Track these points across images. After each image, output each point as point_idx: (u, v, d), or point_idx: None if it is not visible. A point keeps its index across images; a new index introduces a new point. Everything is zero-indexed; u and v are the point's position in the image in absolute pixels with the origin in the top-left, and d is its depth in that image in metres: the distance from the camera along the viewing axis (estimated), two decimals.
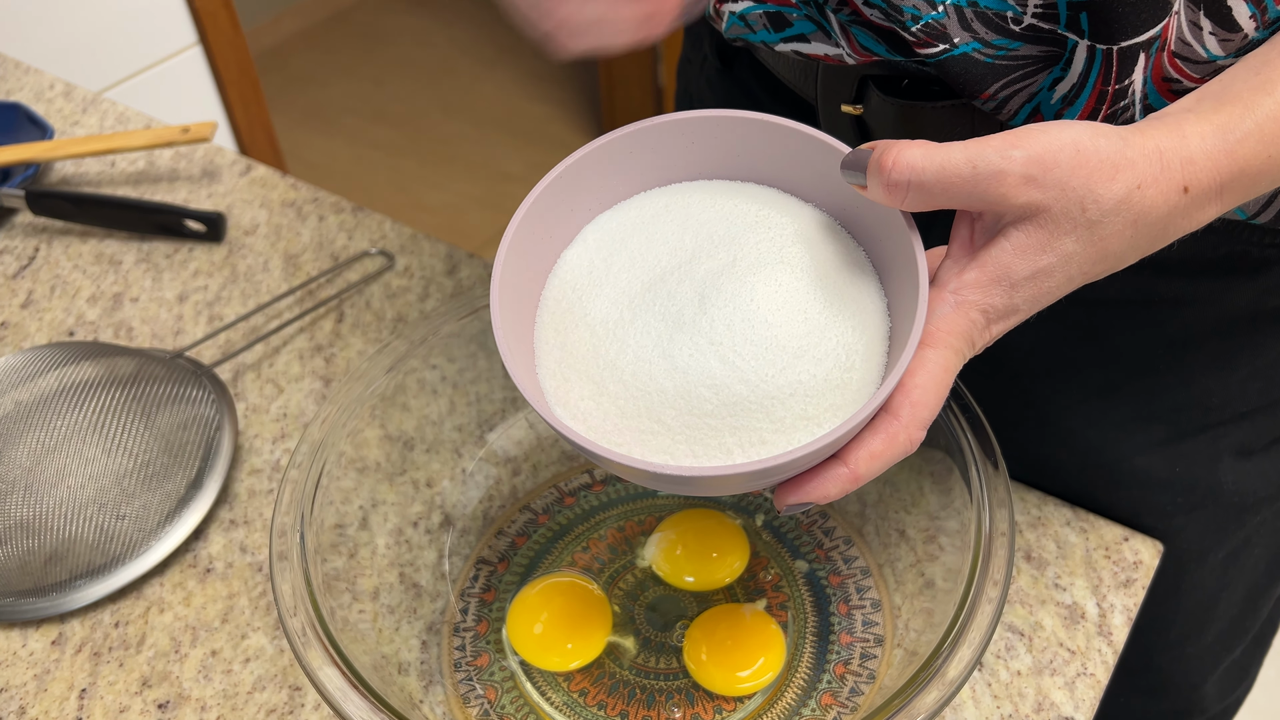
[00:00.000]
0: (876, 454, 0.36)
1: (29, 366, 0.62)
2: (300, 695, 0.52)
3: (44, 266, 0.77)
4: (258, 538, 0.59)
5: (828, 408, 0.37)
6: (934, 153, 0.35)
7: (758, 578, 0.54)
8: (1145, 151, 0.35)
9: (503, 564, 0.56)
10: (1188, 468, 0.56)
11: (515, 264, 0.40)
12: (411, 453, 0.58)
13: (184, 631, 0.55)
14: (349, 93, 2.55)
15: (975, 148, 0.34)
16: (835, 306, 0.38)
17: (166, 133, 0.81)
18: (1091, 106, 0.42)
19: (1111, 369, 0.55)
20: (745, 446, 0.37)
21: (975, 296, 0.36)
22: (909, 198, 0.35)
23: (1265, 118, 0.36)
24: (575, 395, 0.39)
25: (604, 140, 0.41)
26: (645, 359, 0.38)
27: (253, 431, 0.65)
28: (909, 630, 0.51)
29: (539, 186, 0.40)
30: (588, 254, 0.41)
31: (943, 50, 0.42)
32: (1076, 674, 0.51)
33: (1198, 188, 0.36)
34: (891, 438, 0.36)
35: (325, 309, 0.72)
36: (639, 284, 0.39)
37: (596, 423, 0.38)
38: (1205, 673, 0.66)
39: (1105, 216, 0.35)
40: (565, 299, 0.41)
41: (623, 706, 0.50)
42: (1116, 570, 0.55)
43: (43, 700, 0.53)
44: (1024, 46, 0.42)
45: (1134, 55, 0.40)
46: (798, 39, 0.48)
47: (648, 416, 0.37)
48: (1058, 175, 0.34)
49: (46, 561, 0.57)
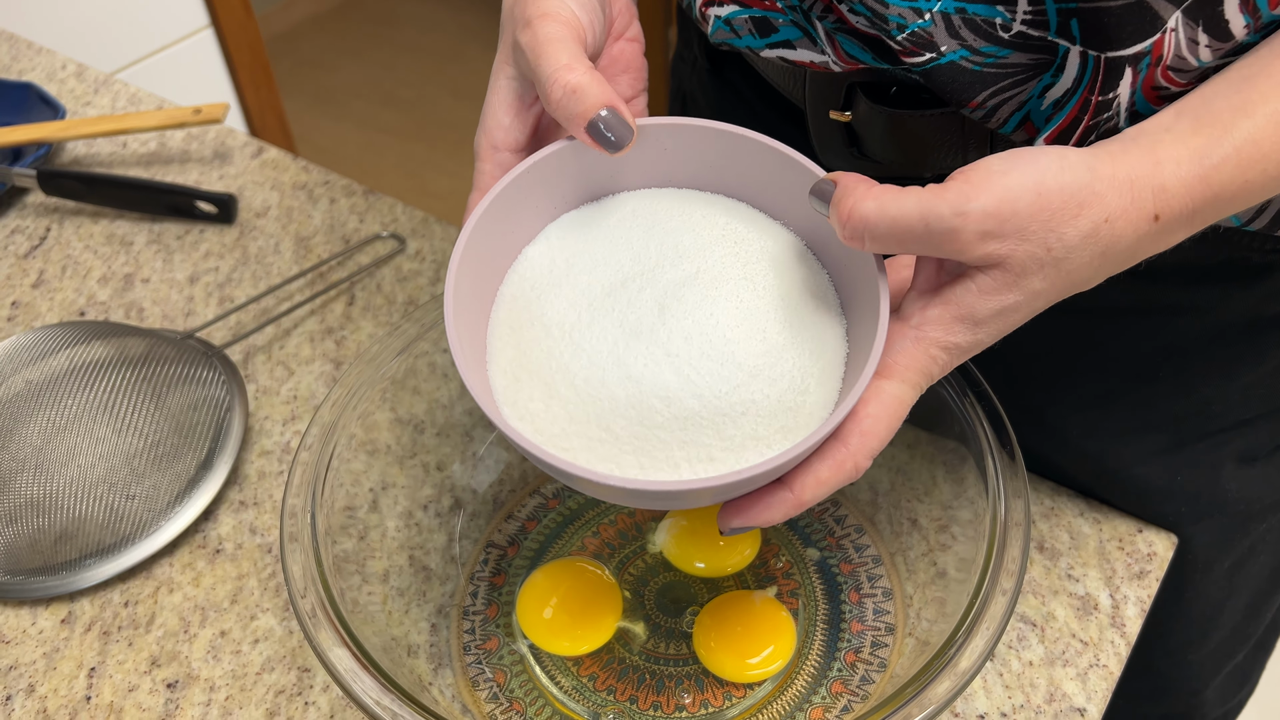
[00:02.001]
0: (822, 480, 0.36)
1: (40, 345, 0.62)
2: (309, 677, 0.52)
3: (55, 247, 0.77)
4: (267, 519, 0.59)
5: (778, 429, 0.37)
6: (888, 206, 0.34)
7: (768, 565, 0.54)
8: (1115, 183, 0.34)
9: (513, 548, 0.56)
10: (1190, 476, 0.56)
11: (474, 256, 0.39)
12: (422, 436, 0.58)
13: (193, 612, 0.55)
14: (358, 77, 2.54)
15: (929, 202, 0.33)
16: (794, 329, 0.38)
17: (179, 113, 0.81)
18: (1075, 115, 0.41)
19: (1109, 377, 0.54)
20: (693, 462, 0.36)
21: (937, 334, 0.36)
22: (865, 244, 0.35)
23: (1243, 141, 0.35)
24: (525, 396, 0.38)
25: (573, 140, 0.40)
26: (599, 364, 0.37)
27: (263, 413, 0.65)
28: (921, 619, 0.50)
29: (506, 178, 0.39)
30: (549, 252, 0.41)
31: (929, 59, 0.41)
32: (1089, 665, 0.51)
33: (1169, 215, 0.35)
34: (838, 465, 0.36)
35: (336, 291, 0.72)
36: (599, 287, 0.39)
37: (544, 425, 0.37)
38: (1207, 678, 0.66)
39: (1071, 253, 0.34)
40: (523, 296, 0.40)
41: (632, 691, 0.49)
42: (1130, 562, 0.55)
43: (52, 678, 0.53)
44: (1013, 54, 0.40)
45: (1120, 68, 0.39)
46: (783, 45, 0.47)
47: (597, 424, 0.37)
48: (1016, 224, 0.33)
49: (56, 540, 0.57)
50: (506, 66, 0.40)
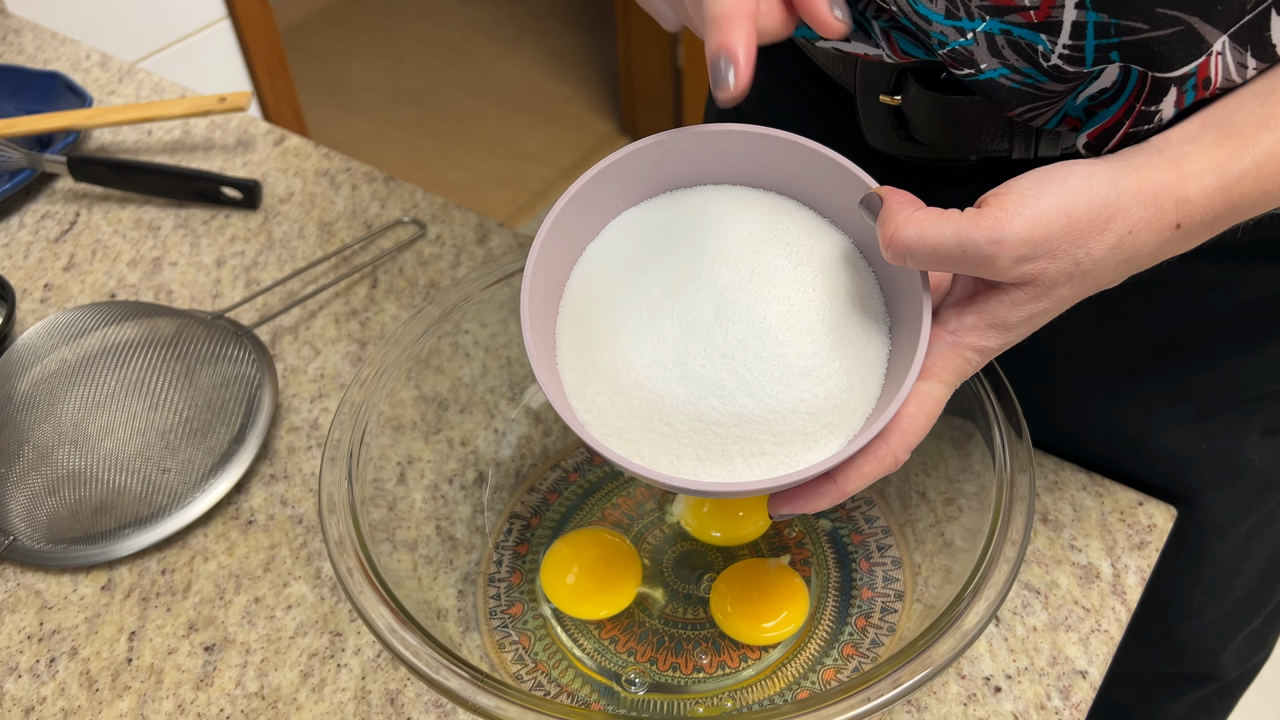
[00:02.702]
0: (865, 474, 0.39)
1: (75, 325, 0.64)
2: (340, 641, 0.55)
3: (85, 231, 0.79)
4: (298, 492, 0.61)
5: (825, 426, 0.40)
6: (927, 234, 0.36)
7: (782, 534, 0.56)
8: (1140, 197, 0.36)
9: (535, 519, 0.58)
10: (1214, 445, 0.58)
11: (545, 261, 0.41)
12: (446, 413, 0.60)
13: (228, 579, 0.57)
14: (369, 70, 2.56)
15: (967, 230, 0.35)
16: (841, 331, 0.40)
17: (204, 101, 0.83)
18: (1119, 118, 0.42)
19: (1139, 349, 0.56)
20: (746, 456, 0.39)
21: (971, 339, 0.39)
22: (908, 264, 0.37)
23: (1264, 155, 0.36)
24: (593, 390, 0.41)
25: (639, 146, 0.42)
26: (661, 363, 0.40)
27: (291, 391, 0.67)
28: (928, 586, 0.52)
29: (574, 187, 0.41)
30: (614, 250, 0.43)
31: (969, 73, 0.43)
32: (1091, 630, 0.53)
33: (1190, 224, 0.37)
34: (879, 460, 0.39)
35: (359, 275, 0.74)
36: (660, 288, 0.41)
37: (611, 419, 0.40)
38: (1224, 641, 0.68)
39: (1097, 265, 0.36)
40: (589, 295, 0.42)
41: (651, 654, 0.52)
42: (1131, 533, 0.57)
43: (94, 642, 0.55)
44: (1049, 82, 0.42)
45: (1166, 86, 0.40)
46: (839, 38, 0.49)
47: (658, 419, 0.40)
48: (1048, 247, 0.35)
49: (95, 511, 0.59)
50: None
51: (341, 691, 0.52)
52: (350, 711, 0.52)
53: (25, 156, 0.80)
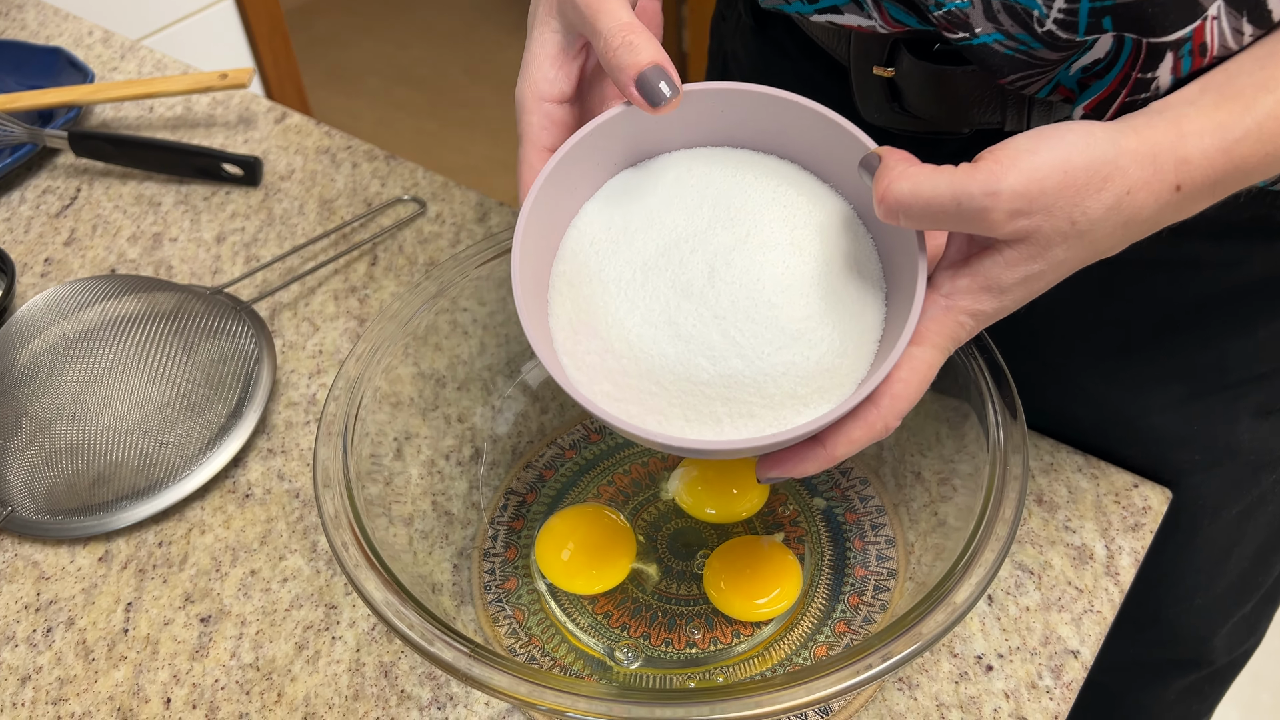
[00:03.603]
0: (854, 439, 0.38)
1: (75, 298, 0.64)
2: (335, 614, 0.55)
3: (85, 206, 0.79)
4: (295, 466, 0.62)
5: (815, 390, 0.39)
6: (921, 187, 0.35)
7: (776, 512, 0.56)
8: (1138, 156, 0.35)
9: (531, 495, 0.58)
10: (1205, 426, 0.58)
11: (538, 216, 0.41)
12: (444, 390, 0.60)
13: (224, 552, 0.58)
14: (373, 54, 2.56)
15: (961, 182, 0.35)
16: (836, 295, 0.40)
17: (205, 78, 0.83)
18: (1114, 88, 0.42)
19: (1131, 328, 0.56)
20: (735, 417, 0.39)
21: (965, 302, 0.38)
22: (901, 222, 0.37)
23: (1265, 116, 0.36)
24: (583, 349, 0.41)
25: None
26: (652, 323, 0.39)
27: (289, 367, 0.67)
28: (921, 564, 0.52)
29: (570, 142, 0.41)
30: (608, 210, 0.43)
31: (963, 37, 0.43)
32: (1083, 611, 0.53)
33: (1191, 186, 0.36)
34: (869, 425, 0.38)
35: (359, 252, 0.74)
36: (654, 246, 0.41)
37: (599, 376, 0.40)
38: (1215, 625, 0.68)
39: (1094, 225, 0.36)
40: (583, 253, 0.42)
41: (645, 629, 0.52)
42: (1125, 515, 0.57)
43: (90, 612, 0.55)
44: (1043, 49, 0.42)
45: (1162, 52, 0.40)
46: (831, 10, 0.49)
47: (648, 378, 0.39)
48: (1044, 202, 0.35)
49: (93, 483, 0.59)
50: (551, 20, 0.42)
51: (336, 664, 0.53)
52: (344, 684, 0.52)
53: (27, 131, 0.80)
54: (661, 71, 0.39)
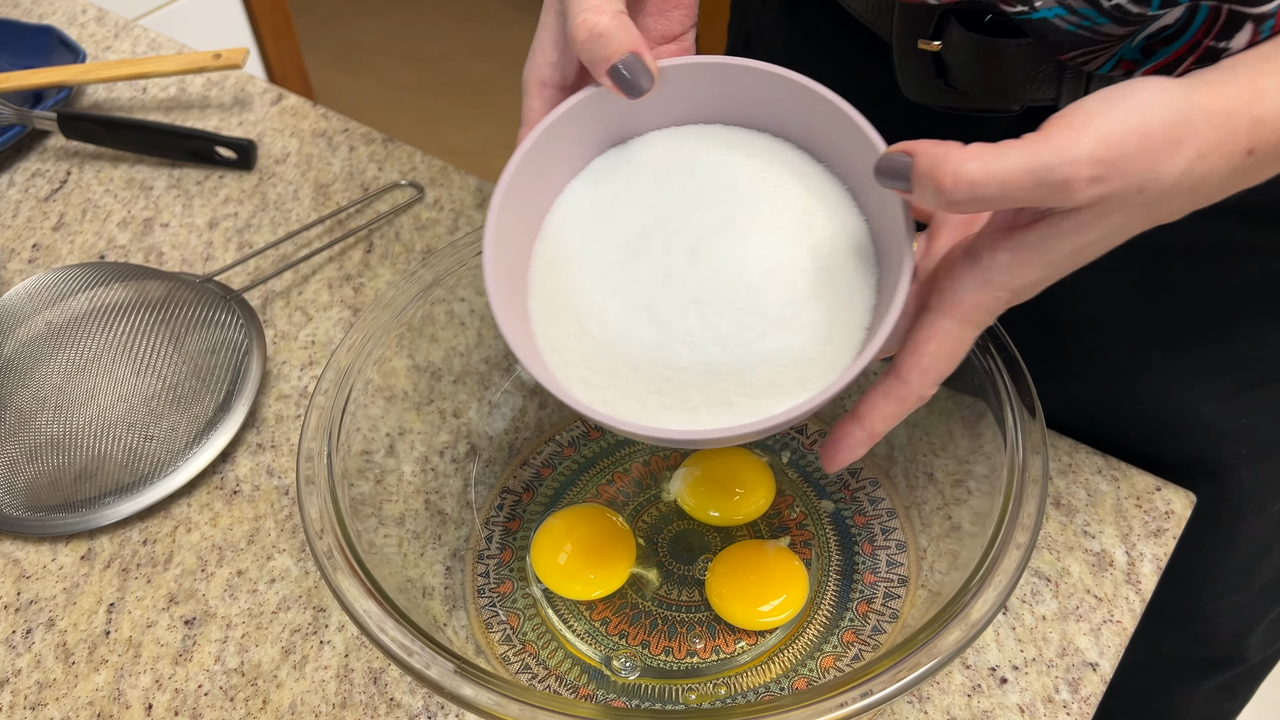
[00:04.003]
0: (889, 415, 0.38)
1: (60, 286, 0.62)
2: (324, 616, 0.53)
3: (75, 190, 0.77)
4: (284, 461, 0.60)
5: (797, 379, 0.38)
6: (992, 166, 0.32)
7: (782, 515, 0.54)
8: (1211, 117, 0.32)
9: (527, 494, 0.56)
10: (1255, 419, 0.55)
11: (517, 194, 0.39)
12: (439, 383, 0.58)
13: (210, 551, 0.56)
14: (379, 33, 2.53)
15: (1035, 153, 0.32)
16: (822, 280, 0.38)
17: (198, 58, 0.80)
18: (1181, 54, 0.39)
19: (1178, 319, 0.54)
20: (712, 406, 0.37)
21: (1005, 278, 0.35)
22: (968, 209, 0.33)
23: None
24: (561, 333, 0.39)
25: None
26: (631, 306, 0.38)
27: (281, 358, 0.65)
28: (934, 571, 0.50)
29: (550, 116, 0.39)
30: (592, 189, 0.41)
31: (1021, 10, 0.40)
32: (1102, 621, 0.51)
33: (1264, 149, 0.33)
34: (902, 400, 0.37)
35: (354, 239, 0.72)
36: (636, 228, 0.39)
37: (575, 360, 0.39)
38: (1251, 622, 0.66)
39: (1165, 192, 0.33)
40: (564, 234, 0.40)
41: (644, 636, 0.50)
42: (1147, 519, 0.54)
43: (72, 613, 0.54)
44: (1109, 25, 0.39)
45: (1242, 21, 0.36)
46: None
47: (624, 363, 0.38)
48: (1121, 166, 0.32)
49: (76, 479, 0.57)
50: (555, 2, 0.40)
51: (324, 669, 0.51)
52: (332, 690, 0.50)
53: (15, 113, 0.78)
54: (636, 60, 0.37)
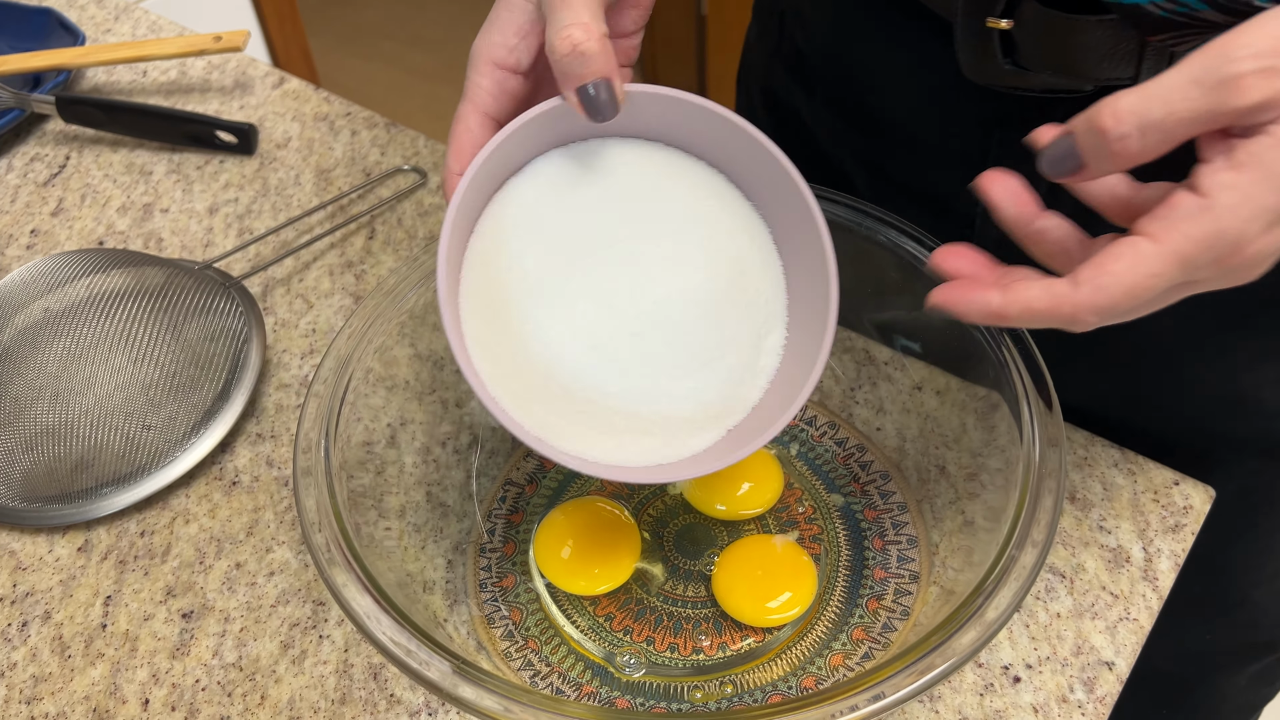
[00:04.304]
0: (1033, 308, 0.32)
1: (58, 273, 0.61)
2: (324, 610, 0.52)
3: (74, 175, 0.76)
4: (284, 452, 0.59)
5: (713, 416, 0.41)
6: (1150, 88, 0.30)
7: (790, 509, 0.53)
8: None
9: (531, 486, 0.55)
10: None
11: (473, 197, 0.39)
12: (441, 372, 0.57)
13: (209, 543, 0.55)
14: (387, 16, 2.51)
15: (1191, 63, 0.29)
16: (749, 320, 0.41)
17: (199, 40, 0.79)
18: None
19: (1243, 301, 0.52)
20: (634, 434, 0.40)
21: (1228, 199, 0.30)
22: (1145, 146, 0.30)
23: None
24: (496, 341, 0.39)
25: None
26: (573, 329, 0.39)
27: (281, 346, 0.64)
28: (946, 568, 0.49)
29: (509, 127, 0.38)
30: (536, 191, 0.40)
31: None
32: (1119, 618, 0.49)
33: None
34: (1057, 304, 0.32)
35: (356, 225, 0.70)
36: (581, 242, 0.40)
37: (509, 372, 0.39)
38: None
39: None
40: (503, 234, 0.40)
41: (649, 632, 0.49)
42: (1165, 514, 0.53)
43: (68, 605, 0.53)
44: (1208, 11, 0.36)
45: None
46: None
47: (556, 383, 0.39)
48: None
49: (73, 469, 0.56)
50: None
51: (323, 664, 0.50)
52: (331, 686, 0.49)
53: (13, 96, 0.77)
54: (607, 87, 0.37)
